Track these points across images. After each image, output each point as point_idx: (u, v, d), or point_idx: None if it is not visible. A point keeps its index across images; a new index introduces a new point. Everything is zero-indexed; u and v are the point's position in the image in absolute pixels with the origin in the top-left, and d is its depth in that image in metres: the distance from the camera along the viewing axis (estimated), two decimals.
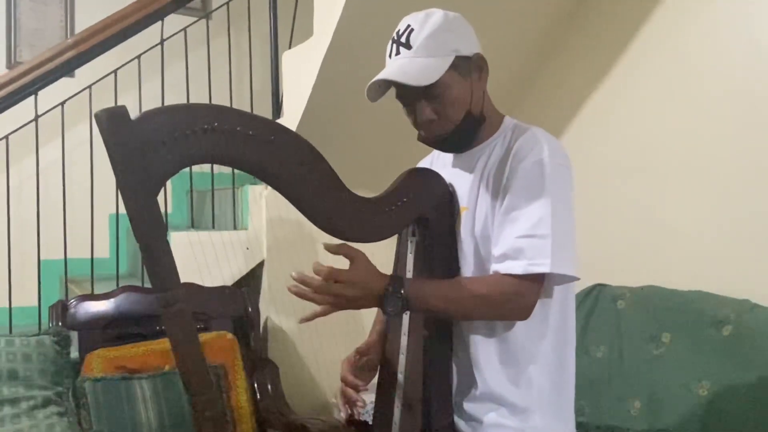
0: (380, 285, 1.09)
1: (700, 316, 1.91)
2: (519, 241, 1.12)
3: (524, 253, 1.11)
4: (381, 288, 1.09)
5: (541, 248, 1.10)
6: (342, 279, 1.07)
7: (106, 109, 0.94)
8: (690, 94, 2.14)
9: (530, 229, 1.11)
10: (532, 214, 1.12)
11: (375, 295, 1.09)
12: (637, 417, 1.94)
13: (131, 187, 0.95)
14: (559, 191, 1.13)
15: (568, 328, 1.25)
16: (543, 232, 1.10)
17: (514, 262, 1.12)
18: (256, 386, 2.32)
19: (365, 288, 1.08)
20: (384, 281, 1.10)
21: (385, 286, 1.09)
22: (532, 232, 1.11)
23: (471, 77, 1.20)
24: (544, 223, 1.11)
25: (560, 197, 1.13)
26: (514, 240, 1.12)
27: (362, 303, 1.09)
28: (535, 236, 1.10)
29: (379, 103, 1.24)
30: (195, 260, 2.49)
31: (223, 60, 2.82)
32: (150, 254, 0.95)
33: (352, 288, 1.07)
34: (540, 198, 1.12)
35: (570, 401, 1.25)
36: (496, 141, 1.25)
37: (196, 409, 0.97)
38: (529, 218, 1.12)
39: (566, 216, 1.14)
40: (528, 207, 1.12)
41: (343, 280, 1.07)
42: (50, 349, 2.01)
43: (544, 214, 1.11)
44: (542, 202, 1.12)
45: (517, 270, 1.11)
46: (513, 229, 1.13)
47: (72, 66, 2.35)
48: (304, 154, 1.09)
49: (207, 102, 2.46)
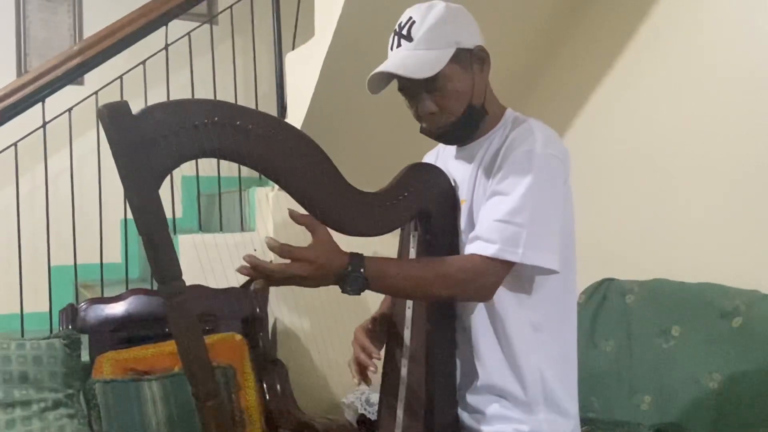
0: (340, 263, 1.03)
1: (710, 309, 1.90)
2: (495, 225, 1.10)
3: (497, 237, 1.09)
4: (340, 266, 1.03)
5: (514, 236, 1.09)
6: (297, 256, 1.01)
7: (108, 105, 0.95)
8: (696, 86, 2.13)
9: (508, 214, 1.10)
10: (512, 200, 1.10)
11: (335, 273, 1.03)
12: (648, 411, 1.93)
13: (133, 181, 0.97)
14: (545, 182, 1.12)
15: (569, 320, 1.24)
16: (520, 220, 1.09)
17: (485, 244, 1.10)
18: (265, 387, 2.32)
19: (324, 266, 1.02)
20: (345, 259, 1.04)
21: (346, 264, 1.03)
22: (508, 219, 1.09)
23: (473, 69, 1.20)
24: (523, 212, 1.09)
25: (546, 188, 1.12)
26: (490, 223, 1.11)
27: (319, 282, 1.03)
28: (512, 223, 1.09)
29: (382, 99, 1.24)
30: (203, 262, 2.50)
31: (228, 64, 2.84)
32: (152, 245, 0.96)
33: (308, 266, 1.01)
34: (524, 186, 1.10)
35: (573, 392, 1.24)
36: (496, 133, 1.24)
37: (198, 398, 0.97)
38: (508, 204, 1.11)
39: (549, 207, 1.13)
40: (510, 193, 1.11)
41: (299, 258, 1.01)
42: (60, 351, 2.03)
43: (525, 203, 1.10)
44: (525, 190, 1.10)
45: (487, 252, 1.09)
46: (492, 212, 1.12)
47: (78, 73, 2.38)
48: (305, 148, 1.10)
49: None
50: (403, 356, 1.26)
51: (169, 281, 0.97)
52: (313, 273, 1.01)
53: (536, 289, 1.18)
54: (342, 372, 2.68)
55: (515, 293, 1.17)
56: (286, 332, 2.60)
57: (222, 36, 2.95)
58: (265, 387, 2.33)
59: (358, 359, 1.27)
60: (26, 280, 2.47)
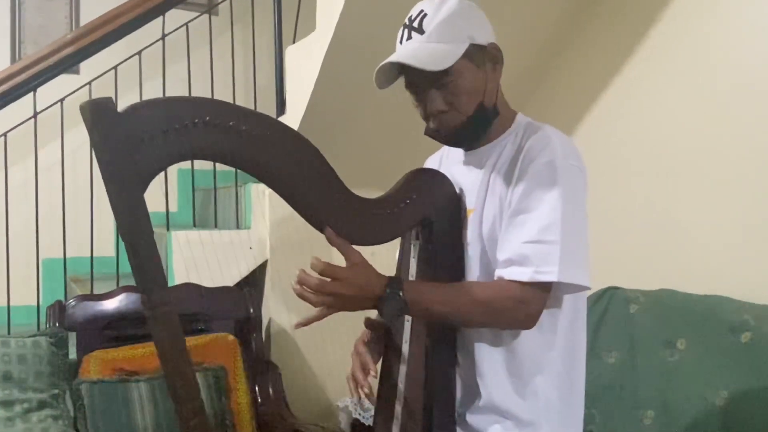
0: (379, 285, 1.03)
1: (718, 322, 1.83)
2: (525, 247, 1.06)
3: (530, 260, 1.05)
4: (380, 289, 1.03)
5: (548, 255, 1.04)
6: (340, 276, 1.01)
7: (91, 101, 0.89)
8: (705, 91, 2.07)
9: (538, 234, 1.05)
10: (540, 218, 1.06)
11: (373, 296, 1.02)
12: (650, 427, 1.87)
13: (117, 183, 0.90)
14: (570, 194, 1.07)
15: (579, 339, 1.19)
16: (551, 238, 1.04)
17: (519, 269, 1.06)
18: (258, 389, 2.27)
19: (363, 288, 1.02)
20: (383, 281, 1.04)
21: (384, 286, 1.03)
22: (539, 238, 1.05)
23: (485, 68, 1.14)
24: (553, 228, 1.05)
25: (572, 200, 1.07)
26: (520, 245, 1.06)
27: (360, 304, 1.03)
28: (543, 242, 1.05)
29: (385, 95, 1.18)
30: (196, 260, 2.44)
31: (227, 56, 2.77)
32: (135, 252, 0.89)
33: (349, 287, 1.01)
34: (550, 201, 1.06)
35: (579, 415, 1.18)
36: (507, 139, 1.18)
37: (181, 417, 0.91)
38: (537, 222, 1.06)
39: (577, 220, 1.08)
40: (536, 210, 1.06)
41: (341, 278, 1.01)
42: (46, 350, 1.97)
43: (554, 219, 1.05)
44: (552, 205, 1.05)
45: (523, 277, 1.05)
46: (520, 233, 1.07)
47: (71, 62, 2.31)
48: (302, 152, 1.04)
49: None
50: (400, 371, 1.20)
51: (152, 291, 0.91)
52: (354, 293, 1.01)
53: (555, 307, 1.12)
54: (336, 376, 2.64)
55: None
56: (281, 334, 2.54)
57: (221, 27, 2.88)
58: (257, 389, 2.27)
59: (354, 377, 1.21)
60: (16, 272, 2.42)
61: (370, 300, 1.03)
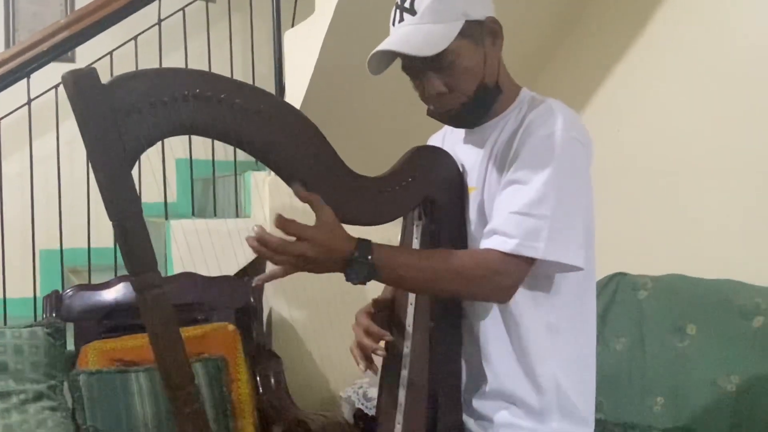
0: (347, 248, 0.96)
1: (728, 307, 1.79)
2: (513, 218, 1.00)
3: (516, 232, 0.99)
4: (347, 251, 0.95)
5: (536, 230, 0.99)
6: (305, 236, 0.93)
7: (73, 71, 0.84)
8: (717, 72, 2.01)
9: (528, 206, 1.00)
10: (532, 190, 1.00)
11: (340, 259, 0.95)
12: (660, 414, 1.83)
13: (103, 160, 0.86)
14: (568, 169, 1.02)
15: (588, 322, 1.14)
16: (542, 212, 0.99)
17: (502, 238, 1.00)
18: (259, 380, 2.23)
19: (330, 250, 0.95)
20: (352, 244, 0.96)
21: (353, 249, 0.95)
22: (528, 211, 0.99)
23: (484, 44, 1.09)
24: (545, 202, 0.99)
25: (569, 175, 1.02)
26: (507, 215, 1.01)
27: (325, 266, 0.96)
28: (532, 215, 0.99)
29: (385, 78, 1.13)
30: (196, 249, 2.40)
31: (225, 41, 2.72)
32: (123, 232, 0.85)
33: (314, 248, 0.93)
34: (545, 174, 1.00)
35: (590, 401, 1.14)
36: (510, 114, 1.13)
37: (175, 404, 0.87)
38: (528, 194, 1.00)
39: (574, 197, 1.03)
40: (530, 182, 1.01)
41: (307, 238, 0.93)
42: (43, 341, 1.93)
43: (546, 193, 0.99)
44: (546, 179, 1.00)
45: (505, 247, 0.99)
46: (509, 203, 1.02)
47: (65, 47, 2.26)
48: (300, 128, 1.00)
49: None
50: (404, 355, 1.16)
51: (143, 273, 0.86)
52: (319, 255, 0.94)
53: (554, 288, 1.07)
54: (339, 365, 2.60)
55: (532, 292, 1.07)
56: (282, 323, 2.50)
57: (219, 13, 2.83)
58: (258, 380, 2.23)
59: (361, 344, 1.15)
60: (12, 264, 2.37)
61: (336, 263, 0.96)
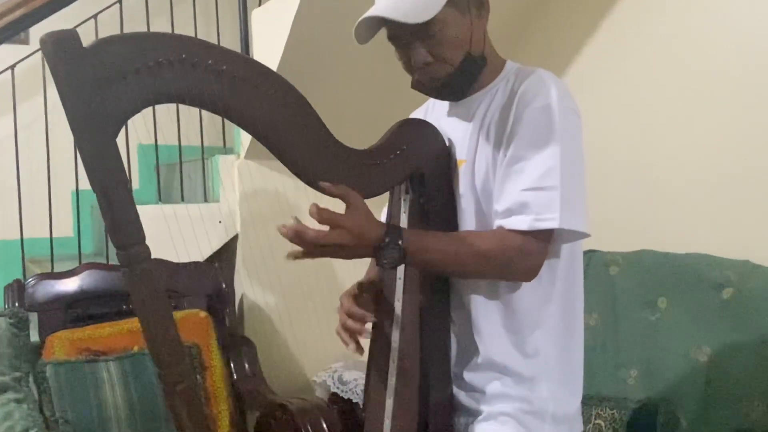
0: (378, 234, 0.98)
1: (698, 280, 1.83)
2: (525, 195, 1.02)
3: (530, 207, 1.01)
4: (378, 237, 0.98)
5: (548, 202, 1.00)
6: (341, 224, 0.95)
7: (53, 33, 0.80)
8: (690, 46, 2.02)
9: (537, 180, 1.01)
10: (538, 164, 1.02)
11: (371, 244, 0.98)
12: (634, 386, 1.86)
13: (85, 128, 0.82)
14: (568, 138, 1.03)
15: (576, 292, 1.17)
16: (551, 183, 1.00)
17: (519, 217, 1.02)
18: (233, 366, 2.20)
19: (362, 236, 0.97)
20: (382, 229, 0.99)
21: (384, 234, 0.98)
22: (538, 185, 1.01)
23: (470, 14, 1.08)
24: (552, 173, 1.01)
25: (570, 145, 1.03)
26: (519, 193, 1.02)
27: (356, 253, 0.99)
28: (543, 188, 1.01)
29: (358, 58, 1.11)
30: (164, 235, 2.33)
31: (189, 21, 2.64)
32: (109, 203, 0.81)
33: (348, 236, 0.96)
34: (548, 146, 1.02)
35: (578, 370, 1.18)
36: (498, 86, 1.13)
37: (166, 382, 0.84)
38: (535, 169, 1.02)
39: (576, 166, 1.05)
40: (534, 157, 1.02)
41: (342, 226, 0.95)
42: (6, 331, 1.86)
43: (553, 164, 1.01)
44: (550, 150, 1.01)
45: (523, 226, 1.01)
46: (518, 181, 1.03)
47: (20, 27, 2.16)
48: (288, 97, 0.98)
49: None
50: (393, 330, 1.15)
51: (130, 246, 0.83)
52: (351, 242, 0.96)
53: (549, 258, 1.07)
54: (313, 350, 2.58)
55: None
56: (254, 309, 2.46)
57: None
58: (232, 366, 2.20)
59: (345, 326, 1.14)
60: None
61: (367, 249, 0.98)
